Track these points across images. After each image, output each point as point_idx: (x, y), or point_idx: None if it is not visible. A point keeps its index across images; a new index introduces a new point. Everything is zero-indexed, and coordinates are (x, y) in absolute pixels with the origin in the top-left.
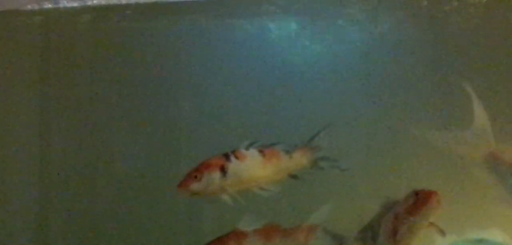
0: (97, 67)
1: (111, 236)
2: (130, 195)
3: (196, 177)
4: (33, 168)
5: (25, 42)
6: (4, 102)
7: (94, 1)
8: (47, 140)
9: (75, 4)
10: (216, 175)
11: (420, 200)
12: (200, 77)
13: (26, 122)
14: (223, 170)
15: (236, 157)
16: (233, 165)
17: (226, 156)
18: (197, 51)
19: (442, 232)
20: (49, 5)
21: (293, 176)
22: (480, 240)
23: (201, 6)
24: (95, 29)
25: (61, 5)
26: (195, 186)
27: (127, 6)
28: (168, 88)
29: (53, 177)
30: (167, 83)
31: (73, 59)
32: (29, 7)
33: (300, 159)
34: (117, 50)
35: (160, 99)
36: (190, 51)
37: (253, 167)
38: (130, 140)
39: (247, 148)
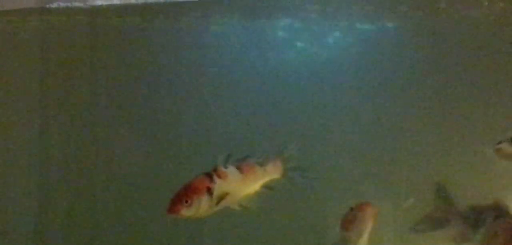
0: (96, 67)
1: (111, 236)
2: (129, 195)
3: (186, 202)
4: (33, 168)
5: (25, 42)
6: (4, 102)
7: (94, 2)
8: (47, 140)
9: (75, 4)
10: (205, 198)
11: None
12: (195, 77)
13: (26, 122)
14: (210, 192)
15: (219, 176)
16: (217, 186)
17: (209, 177)
18: (194, 52)
19: None
20: (49, 5)
21: (268, 188)
22: None
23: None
24: (95, 29)
25: (60, 5)
26: (185, 211)
27: (127, 6)
28: (167, 88)
29: (53, 177)
30: (166, 83)
31: (73, 59)
32: (29, 7)
33: (273, 171)
34: (117, 50)
35: (159, 99)
36: (188, 51)
37: (234, 185)
38: (129, 139)
39: (225, 166)
